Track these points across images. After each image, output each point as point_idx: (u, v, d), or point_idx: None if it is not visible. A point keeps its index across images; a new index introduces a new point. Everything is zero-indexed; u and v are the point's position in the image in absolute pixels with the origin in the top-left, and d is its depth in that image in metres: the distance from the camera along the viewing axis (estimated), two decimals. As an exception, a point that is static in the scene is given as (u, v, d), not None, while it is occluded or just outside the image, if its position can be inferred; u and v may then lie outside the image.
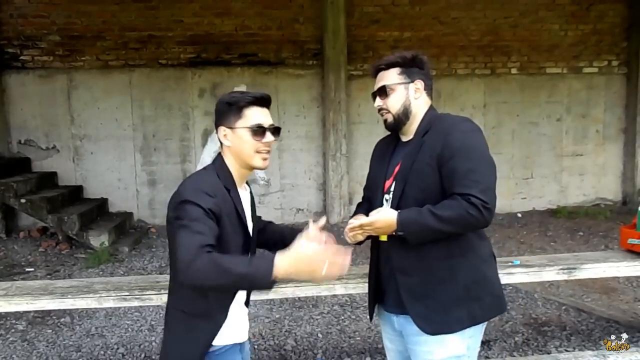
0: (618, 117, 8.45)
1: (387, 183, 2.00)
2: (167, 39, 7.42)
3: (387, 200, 2.00)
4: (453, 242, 1.89)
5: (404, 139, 2.05)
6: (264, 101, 1.82)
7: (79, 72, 7.36)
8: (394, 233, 1.88)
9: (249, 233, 1.82)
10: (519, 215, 8.02)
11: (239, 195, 1.82)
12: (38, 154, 7.39)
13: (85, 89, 7.38)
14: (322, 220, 1.71)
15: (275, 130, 1.85)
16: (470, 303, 1.90)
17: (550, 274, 3.45)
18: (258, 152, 1.81)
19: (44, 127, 7.38)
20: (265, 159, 1.83)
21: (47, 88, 7.33)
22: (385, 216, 1.87)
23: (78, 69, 7.35)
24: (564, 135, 8.36)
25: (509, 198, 8.08)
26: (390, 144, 2.11)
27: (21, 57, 7.26)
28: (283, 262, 1.50)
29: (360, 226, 1.91)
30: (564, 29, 8.16)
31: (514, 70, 8.13)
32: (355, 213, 2.14)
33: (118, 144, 7.49)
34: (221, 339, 1.82)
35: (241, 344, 1.92)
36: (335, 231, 7.52)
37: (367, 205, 2.13)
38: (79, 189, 7.38)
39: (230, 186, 1.80)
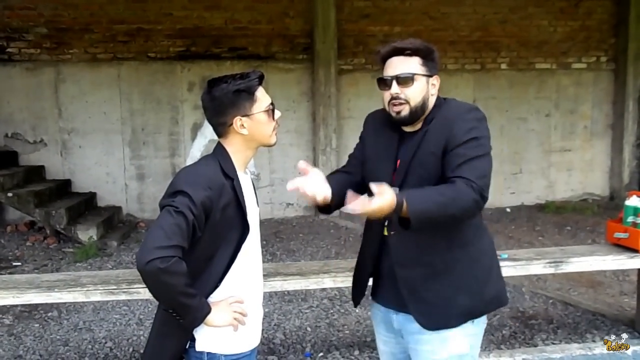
0: (606, 114, 8.52)
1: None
2: (156, 32, 7.36)
3: None
4: (454, 234, 1.84)
5: (408, 129, 1.93)
6: (263, 79, 1.83)
7: (67, 65, 7.28)
8: (391, 214, 1.69)
9: (247, 225, 1.78)
10: (508, 210, 8.07)
11: (240, 185, 1.78)
12: (25, 147, 7.31)
13: (73, 82, 7.31)
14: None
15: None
16: (471, 296, 1.86)
17: (538, 268, 3.50)
18: (273, 129, 1.85)
19: (31, 121, 7.29)
20: (276, 134, 1.87)
21: (34, 81, 7.24)
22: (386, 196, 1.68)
23: (65, 61, 7.27)
24: (553, 131, 8.42)
25: (498, 193, 8.12)
26: (393, 135, 1.96)
27: (8, 50, 7.16)
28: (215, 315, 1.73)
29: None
30: (553, 25, 8.21)
31: (503, 66, 8.17)
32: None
33: (106, 137, 7.43)
34: (242, 345, 1.83)
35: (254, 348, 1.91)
36: (325, 225, 7.46)
37: (347, 177, 2.14)
38: (66, 183, 7.32)
39: (233, 175, 1.76)
